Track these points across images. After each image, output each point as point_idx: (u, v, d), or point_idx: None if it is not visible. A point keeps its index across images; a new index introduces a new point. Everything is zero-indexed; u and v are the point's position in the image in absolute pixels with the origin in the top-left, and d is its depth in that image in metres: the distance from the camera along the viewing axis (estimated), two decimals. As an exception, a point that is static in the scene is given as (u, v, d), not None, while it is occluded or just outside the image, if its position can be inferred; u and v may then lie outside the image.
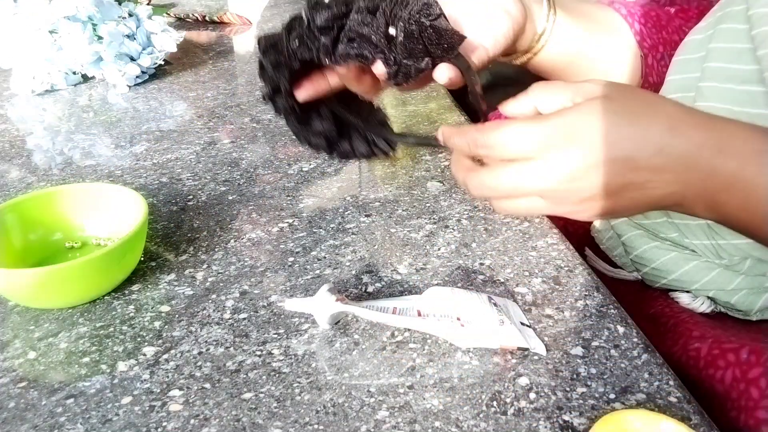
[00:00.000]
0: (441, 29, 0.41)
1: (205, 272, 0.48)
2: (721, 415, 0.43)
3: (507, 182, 0.39)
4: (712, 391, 0.45)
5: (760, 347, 0.44)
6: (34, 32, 0.87)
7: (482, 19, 0.46)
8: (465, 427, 0.35)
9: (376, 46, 0.41)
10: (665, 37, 0.60)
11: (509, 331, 0.39)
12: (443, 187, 0.60)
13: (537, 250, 0.50)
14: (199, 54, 1.08)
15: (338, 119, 0.51)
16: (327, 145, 0.57)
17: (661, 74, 0.58)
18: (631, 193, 0.37)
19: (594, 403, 0.36)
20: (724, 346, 0.46)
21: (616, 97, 0.37)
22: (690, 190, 0.37)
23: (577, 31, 0.55)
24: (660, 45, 0.59)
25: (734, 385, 0.44)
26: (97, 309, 0.44)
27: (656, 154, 0.36)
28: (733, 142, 0.36)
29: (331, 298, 0.41)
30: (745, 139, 0.36)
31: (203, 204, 0.58)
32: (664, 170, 0.37)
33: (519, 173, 0.38)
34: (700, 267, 0.52)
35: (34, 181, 0.63)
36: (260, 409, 0.36)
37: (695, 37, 0.53)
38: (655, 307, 0.56)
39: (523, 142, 0.37)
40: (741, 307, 0.52)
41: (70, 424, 0.35)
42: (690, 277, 0.53)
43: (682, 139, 0.36)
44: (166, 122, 0.78)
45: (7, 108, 0.84)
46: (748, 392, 0.42)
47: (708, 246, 0.51)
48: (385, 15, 0.41)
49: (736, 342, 0.46)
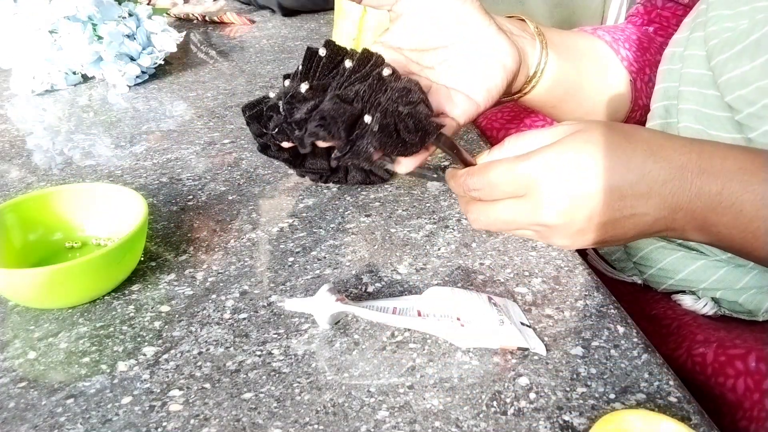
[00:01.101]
0: (419, 117, 0.40)
1: (205, 272, 0.48)
2: (731, 424, 0.43)
3: (501, 217, 0.40)
4: (722, 399, 0.45)
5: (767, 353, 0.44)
6: (34, 32, 0.87)
7: (479, 75, 0.46)
8: (465, 427, 0.35)
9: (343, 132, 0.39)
10: (649, 58, 0.60)
11: (509, 331, 0.39)
12: (443, 187, 0.60)
13: (537, 250, 0.50)
14: (199, 54, 1.08)
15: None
16: (320, 177, 0.58)
17: (650, 96, 0.58)
18: (622, 222, 0.38)
19: (594, 403, 0.36)
20: (730, 351, 0.46)
21: (593, 131, 0.38)
22: (678, 213, 0.38)
23: (566, 66, 0.55)
24: (647, 67, 0.60)
25: (747, 395, 0.44)
26: (97, 309, 0.44)
27: (640, 181, 0.37)
28: (713, 161, 0.37)
29: (331, 298, 0.41)
30: (724, 157, 0.37)
31: (203, 204, 0.58)
32: (650, 196, 0.37)
33: (511, 210, 0.40)
34: (708, 266, 0.52)
35: (34, 181, 0.63)
36: (260, 409, 0.36)
37: (674, 49, 0.53)
38: (656, 308, 0.56)
39: (510, 182, 0.39)
40: (748, 307, 0.51)
41: (70, 424, 0.35)
42: (697, 276, 0.52)
43: (663, 163, 0.37)
44: (166, 122, 0.78)
45: (7, 108, 0.84)
46: (762, 403, 0.42)
47: None
48: (362, 101, 0.40)
49: (741, 347, 0.46)
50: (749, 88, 0.43)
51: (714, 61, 0.46)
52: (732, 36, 0.45)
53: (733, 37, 0.45)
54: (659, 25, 0.63)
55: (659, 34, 0.63)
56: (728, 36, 0.45)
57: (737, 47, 0.44)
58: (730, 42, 0.45)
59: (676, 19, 0.62)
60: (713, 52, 0.47)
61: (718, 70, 0.46)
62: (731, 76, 0.45)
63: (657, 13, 0.63)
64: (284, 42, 1.15)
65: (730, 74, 0.45)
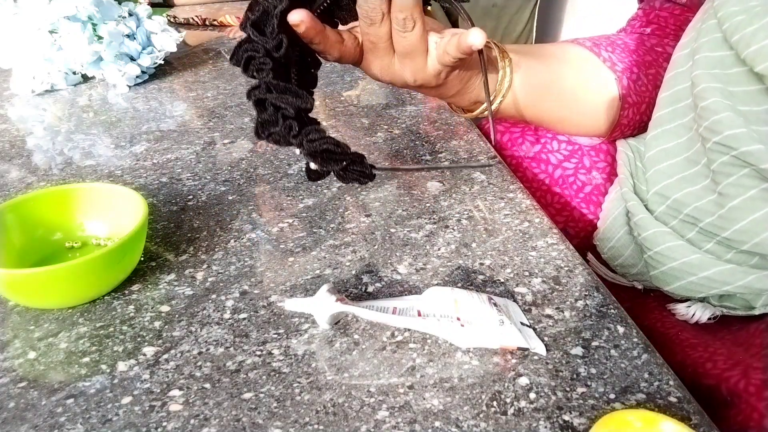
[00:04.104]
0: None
1: (205, 272, 0.48)
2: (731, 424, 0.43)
3: None
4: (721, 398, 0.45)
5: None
6: (34, 32, 0.87)
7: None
8: (465, 427, 0.35)
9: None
10: (636, 59, 0.60)
11: (509, 331, 0.39)
12: (443, 187, 0.60)
13: (537, 250, 0.50)
14: (199, 54, 1.08)
15: None
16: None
17: (640, 93, 0.58)
18: None
19: (594, 403, 0.36)
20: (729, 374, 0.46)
21: None
22: None
23: (535, 65, 0.56)
24: (634, 66, 0.60)
25: (746, 395, 0.44)
26: (97, 309, 0.44)
27: None
28: None
29: (331, 298, 0.41)
30: None
31: (203, 204, 0.58)
32: None
33: None
34: (737, 270, 0.51)
35: (34, 181, 0.63)
36: (260, 409, 0.36)
37: (682, 52, 0.53)
38: (649, 318, 0.55)
39: None
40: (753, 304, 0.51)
41: (70, 424, 0.35)
42: (724, 277, 0.51)
43: None
44: (166, 122, 0.78)
45: (7, 108, 0.84)
46: (762, 403, 0.42)
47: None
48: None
49: (743, 362, 0.46)
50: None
51: (737, 36, 0.46)
52: (761, 9, 0.45)
53: (762, 11, 0.44)
54: (657, 26, 0.63)
55: (655, 34, 0.63)
56: (757, 9, 0.45)
57: (765, 19, 0.44)
58: (759, 15, 0.45)
59: (673, 20, 0.62)
60: (735, 30, 0.46)
61: (744, 43, 0.45)
62: (762, 45, 0.44)
63: (655, 14, 0.63)
64: (284, 42, 1.14)
65: (761, 44, 0.44)
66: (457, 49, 0.44)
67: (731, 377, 0.46)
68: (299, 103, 0.42)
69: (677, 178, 0.52)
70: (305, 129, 0.43)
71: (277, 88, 0.42)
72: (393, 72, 0.48)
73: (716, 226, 0.49)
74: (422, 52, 0.46)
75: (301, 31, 0.42)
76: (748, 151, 0.44)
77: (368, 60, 0.48)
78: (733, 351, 0.48)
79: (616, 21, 0.71)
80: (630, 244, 0.58)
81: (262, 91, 0.42)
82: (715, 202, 0.49)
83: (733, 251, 0.49)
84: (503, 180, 0.61)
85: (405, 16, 0.43)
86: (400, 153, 0.68)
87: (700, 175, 0.50)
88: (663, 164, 0.53)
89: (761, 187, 0.45)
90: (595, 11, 1.56)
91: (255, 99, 0.42)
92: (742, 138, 0.44)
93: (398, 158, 0.67)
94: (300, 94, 0.43)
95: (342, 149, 0.44)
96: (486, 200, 0.58)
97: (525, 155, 0.73)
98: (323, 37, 0.43)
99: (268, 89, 0.42)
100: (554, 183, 0.72)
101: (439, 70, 0.47)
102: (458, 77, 0.50)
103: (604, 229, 0.61)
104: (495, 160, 0.57)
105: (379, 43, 0.46)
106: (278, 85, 0.42)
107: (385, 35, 0.45)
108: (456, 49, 0.44)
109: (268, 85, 0.42)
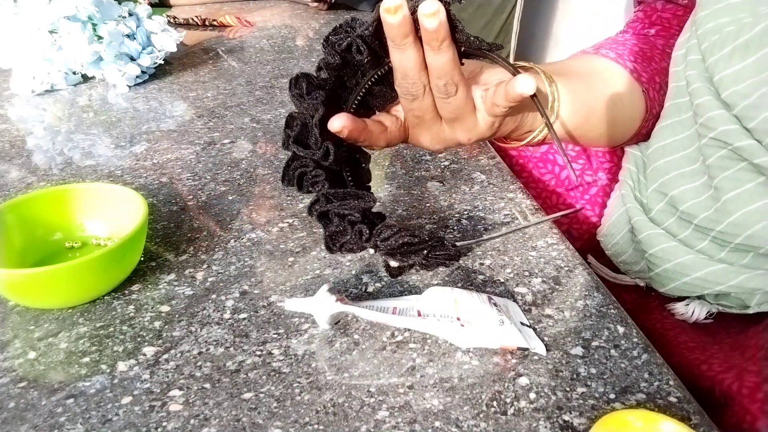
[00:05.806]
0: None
1: (205, 272, 0.48)
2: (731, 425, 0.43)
3: None
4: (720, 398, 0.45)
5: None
6: (34, 32, 0.87)
7: None
8: (465, 427, 0.35)
9: None
10: (655, 67, 0.60)
11: (509, 331, 0.39)
12: (443, 187, 0.60)
13: (537, 250, 0.50)
14: (198, 54, 1.08)
15: None
16: None
17: (662, 104, 0.58)
18: None
19: (594, 403, 0.36)
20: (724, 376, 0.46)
21: None
22: None
23: (580, 88, 0.54)
24: (656, 76, 0.59)
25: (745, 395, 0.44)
26: (97, 309, 0.44)
27: None
28: None
29: (331, 298, 0.41)
30: None
31: (203, 204, 0.58)
32: None
33: None
34: (729, 270, 0.51)
35: (34, 181, 0.63)
36: (260, 409, 0.36)
37: (678, 52, 0.53)
38: (649, 319, 0.55)
39: None
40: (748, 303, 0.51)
41: (70, 424, 0.35)
42: (716, 277, 0.52)
43: None
44: (166, 122, 0.78)
45: (7, 108, 0.84)
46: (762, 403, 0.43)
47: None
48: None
49: (738, 366, 0.46)
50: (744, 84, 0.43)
51: (712, 59, 0.46)
52: (720, 38, 0.45)
53: (721, 39, 0.45)
54: (660, 27, 0.63)
55: (661, 35, 0.62)
56: (716, 38, 0.46)
57: (726, 48, 0.44)
58: (718, 44, 0.45)
59: (677, 20, 0.62)
60: (710, 52, 0.47)
61: (711, 70, 0.46)
62: (724, 75, 0.44)
63: (658, 15, 0.63)
64: (284, 42, 1.15)
65: (723, 73, 0.45)
66: (506, 100, 0.42)
67: (725, 379, 0.46)
68: (363, 204, 0.41)
69: (675, 175, 0.52)
70: (376, 229, 0.41)
71: (336, 196, 0.41)
72: (444, 138, 0.47)
73: (711, 220, 0.49)
74: (470, 111, 0.44)
75: (345, 136, 0.41)
76: (741, 147, 0.44)
77: (416, 134, 0.47)
78: (730, 354, 0.48)
79: (611, 20, 0.71)
80: (632, 242, 0.58)
81: (322, 204, 0.41)
82: (711, 197, 0.49)
83: (726, 249, 0.49)
84: (503, 180, 0.61)
85: (446, 82, 0.41)
86: (399, 153, 0.68)
87: (698, 172, 0.50)
88: (661, 161, 0.53)
89: (757, 180, 0.45)
90: (590, 11, 1.56)
91: (318, 213, 0.41)
92: (735, 134, 0.45)
93: (398, 158, 0.67)
94: (361, 195, 0.41)
95: (419, 238, 0.42)
96: (486, 200, 0.58)
97: (532, 156, 0.73)
98: (367, 134, 0.42)
99: (328, 200, 0.41)
100: (560, 184, 0.71)
101: (492, 122, 0.46)
102: (512, 119, 0.49)
103: (608, 226, 0.61)
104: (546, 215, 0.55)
105: (424, 116, 0.44)
106: (337, 193, 0.41)
107: (430, 106, 0.43)
108: (505, 99, 0.42)
109: (327, 197, 0.41)
